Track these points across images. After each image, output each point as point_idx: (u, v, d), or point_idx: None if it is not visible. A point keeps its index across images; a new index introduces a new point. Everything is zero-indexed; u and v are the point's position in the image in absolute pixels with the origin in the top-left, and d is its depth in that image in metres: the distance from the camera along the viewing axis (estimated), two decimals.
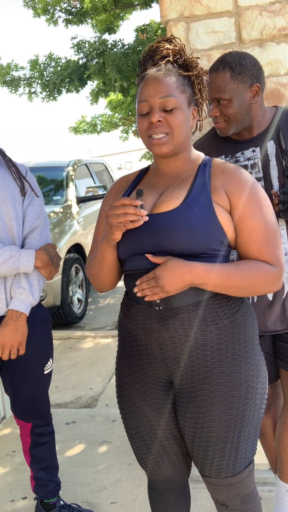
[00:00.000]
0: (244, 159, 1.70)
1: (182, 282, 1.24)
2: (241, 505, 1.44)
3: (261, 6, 2.01)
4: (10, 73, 8.12)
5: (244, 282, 1.27)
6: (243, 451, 1.36)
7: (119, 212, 1.24)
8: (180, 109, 1.29)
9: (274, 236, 1.30)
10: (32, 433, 1.98)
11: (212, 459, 1.36)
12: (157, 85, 1.28)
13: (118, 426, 2.88)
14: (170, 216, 1.28)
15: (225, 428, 1.32)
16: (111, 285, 1.45)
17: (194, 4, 2.05)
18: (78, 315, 5.11)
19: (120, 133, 11.69)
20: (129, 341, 1.41)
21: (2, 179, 1.79)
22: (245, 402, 1.33)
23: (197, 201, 1.28)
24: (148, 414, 1.42)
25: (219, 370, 1.31)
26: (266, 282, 1.28)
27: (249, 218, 1.28)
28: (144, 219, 1.24)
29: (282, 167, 1.65)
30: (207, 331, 1.30)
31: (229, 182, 1.30)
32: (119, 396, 1.48)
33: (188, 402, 1.35)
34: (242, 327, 1.34)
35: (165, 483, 1.53)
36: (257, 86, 1.62)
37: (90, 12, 7.52)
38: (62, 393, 3.40)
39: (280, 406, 1.98)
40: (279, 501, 1.92)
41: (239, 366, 1.32)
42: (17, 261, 1.73)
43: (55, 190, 5.57)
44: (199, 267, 1.24)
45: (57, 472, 2.07)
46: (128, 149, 28.85)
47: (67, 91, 8.02)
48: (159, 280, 1.24)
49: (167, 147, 1.31)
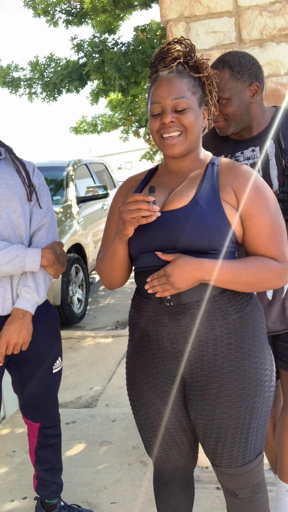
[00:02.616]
0: (244, 158, 1.70)
1: (192, 278, 1.28)
2: (250, 494, 1.47)
3: (261, 6, 2.01)
4: (10, 74, 8.12)
5: (252, 278, 1.31)
6: (252, 441, 1.40)
7: (132, 208, 1.28)
8: (192, 109, 1.34)
9: (280, 233, 1.34)
10: (39, 433, 1.98)
11: (223, 449, 1.40)
12: (169, 87, 1.32)
13: (118, 426, 2.88)
14: (180, 214, 1.32)
15: (235, 420, 1.36)
16: (121, 282, 1.49)
17: (194, 4, 2.05)
18: (78, 315, 5.11)
19: (120, 133, 11.67)
20: (140, 336, 1.45)
21: (10, 177, 1.79)
22: (254, 395, 1.36)
23: (206, 198, 1.32)
24: (158, 406, 1.46)
25: (229, 364, 1.35)
26: (273, 277, 1.32)
27: (256, 216, 1.32)
28: (156, 215, 1.28)
29: (282, 167, 1.65)
30: (216, 325, 1.34)
31: (237, 181, 1.34)
32: (129, 388, 1.53)
33: (199, 395, 1.39)
34: (251, 322, 1.38)
35: (171, 472, 1.58)
36: (256, 85, 1.62)
37: (90, 13, 7.52)
38: (62, 393, 3.40)
39: (280, 406, 1.98)
40: (279, 501, 1.92)
41: (248, 360, 1.36)
42: (23, 260, 1.73)
43: (55, 190, 5.57)
44: (208, 263, 1.28)
45: (61, 473, 2.07)
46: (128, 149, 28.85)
47: (67, 91, 8.02)
48: (170, 277, 1.27)
49: (179, 148, 1.35)
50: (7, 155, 1.85)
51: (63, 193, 5.53)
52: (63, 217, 5.15)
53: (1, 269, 1.71)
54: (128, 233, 1.33)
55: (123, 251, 1.40)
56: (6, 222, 1.76)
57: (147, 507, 2.18)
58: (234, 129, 1.67)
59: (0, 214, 1.75)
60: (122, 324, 4.99)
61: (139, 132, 11.33)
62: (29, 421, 1.97)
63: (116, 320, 5.13)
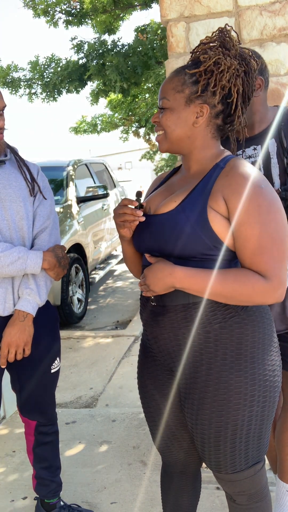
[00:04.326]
0: (245, 157, 1.70)
1: (164, 284, 1.29)
2: (248, 502, 1.45)
3: (261, 6, 2.01)
4: (10, 74, 8.12)
5: (227, 292, 1.24)
6: (242, 452, 1.36)
7: (120, 212, 1.37)
8: (171, 109, 1.33)
9: (271, 247, 1.23)
10: (36, 431, 1.98)
11: (209, 455, 1.39)
12: (161, 87, 1.38)
13: (118, 426, 2.88)
14: (163, 219, 1.33)
15: (216, 429, 1.34)
16: (138, 275, 1.55)
17: (194, 4, 2.05)
18: (78, 315, 5.10)
19: (120, 133, 11.67)
20: (143, 329, 1.50)
21: (14, 178, 1.80)
22: (237, 407, 1.32)
23: (191, 205, 1.29)
24: (156, 398, 1.48)
25: (208, 373, 1.33)
26: (254, 293, 1.23)
27: (243, 225, 1.23)
28: (140, 219, 1.35)
29: (283, 165, 1.65)
30: (194, 333, 1.33)
31: (229, 187, 1.26)
32: (138, 380, 1.57)
33: (185, 397, 1.40)
34: (235, 334, 1.31)
35: (176, 467, 1.58)
36: (260, 79, 1.63)
37: (90, 13, 7.52)
38: (62, 393, 3.40)
39: (280, 406, 1.98)
40: (279, 501, 1.92)
41: (229, 372, 1.31)
42: (24, 262, 1.74)
43: (55, 190, 5.56)
44: (180, 271, 1.27)
45: (59, 472, 2.07)
46: (128, 149, 28.83)
47: (67, 92, 8.02)
48: (146, 280, 1.32)
49: (162, 146, 1.39)
50: (12, 157, 1.85)
51: (63, 193, 5.53)
52: (63, 217, 5.15)
53: (2, 271, 1.71)
54: (123, 234, 1.41)
55: (128, 249, 1.49)
56: (9, 223, 1.77)
57: (147, 507, 2.18)
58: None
59: (4, 215, 1.75)
60: (122, 324, 4.99)
61: (139, 132, 11.33)
62: (26, 419, 1.98)
63: (116, 320, 5.13)
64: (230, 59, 1.30)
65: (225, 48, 1.32)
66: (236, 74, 1.30)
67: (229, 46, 1.31)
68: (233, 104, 1.32)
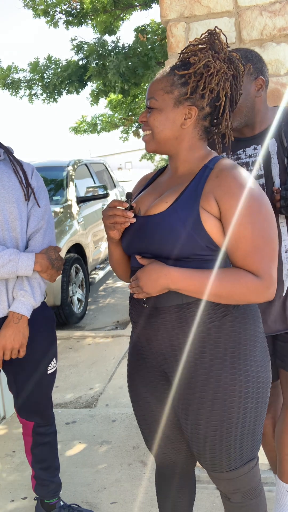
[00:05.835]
0: (246, 156, 1.70)
1: (159, 285, 1.28)
2: (242, 500, 1.46)
3: (261, 6, 2.01)
4: (10, 75, 8.13)
5: (222, 291, 1.26)
6: (236, 449, 1.37)
7: (109, 214, 1.36)
8: (159, 110, 1.32)
9: (263, 246, 1.25)
10: (34, 432, 1.98)
11: (204, 454, 1.39)
12: (149, 87, 1.36)
13: (118, 426, 2.88)
14: (155, 220, 1.32)
15: (211, 428, 1.35)
16: (124, 277, 1.55)
17: (194, 4, 2.05)
18: (78, 315, 5.10)
19: (120, 133, 11.68)
20: (133, 331, 1.48)
21: (8, 179, 1.79)
22: (231, 405, 1.33)
23: (183, 206, 1.29)
24: (149, 400, 1.48)
25: (203, 372, 1.33)
26: (248, 292, 1.25)
27: (235, 226, 1.25)
28: (131, 221, 1.35)
29: (284, 165, 1.66)
30: (189, 333, 1.32)
31: (220, 188, 1.26)
32: (128, 382, 1.56)
33: (178, 398, 1.39)
34: (229, 333, 1.33)
35: (170, 468, 1.58)
36: (261, 79, 1.63)
37: (90, 14, 7.53)
38: (62, 393, 3.40)
39: (280, 406, 1.98)
40: (279, 501, 1.92)
41: (224, 370, 1.32)
42: (15, 265, 1.73)
43: (55, 190, 5.57)
44: (174, 273, 1.26)
45: (58, 472, 2.07)
46: (128, 149, 28.86)
47: (67, 93, 8.03)
48: (139, 281, 1.30)
49: (149, 146, 1.39)
50: (6, 157, 1.84)
51: (63, 193, 5.53)
52: (63, 217, 5.15)
53: None
54: (111, 236, 1.40)
55: (116, 252, 1.48)
56: (2, 224, 1.76)
57: (147, 507, 2.18)
58: (238, 123, 1.66)
59: None
60: (122, 324, 4.99)
61: (139, 132, 11.33)
62: (23, 420, 1.98)
63: (116, 320, 5.13)
64: (219, 62, 1.30)
65: (214, 51, 1.32)
66: (225, 78, 1.30)
67: (218, 49, 1.32)
68: (221, 107, 1.33)
